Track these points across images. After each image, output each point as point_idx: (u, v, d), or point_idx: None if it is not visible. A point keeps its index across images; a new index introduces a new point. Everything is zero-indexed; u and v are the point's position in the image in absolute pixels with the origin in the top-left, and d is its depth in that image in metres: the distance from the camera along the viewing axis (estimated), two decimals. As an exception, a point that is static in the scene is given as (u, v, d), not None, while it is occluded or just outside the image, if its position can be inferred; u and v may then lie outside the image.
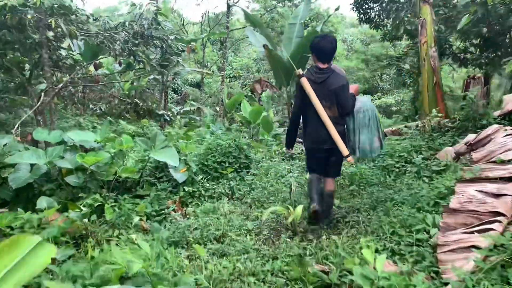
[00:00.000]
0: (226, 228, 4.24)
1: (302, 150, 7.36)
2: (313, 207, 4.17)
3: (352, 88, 4.31)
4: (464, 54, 13.46)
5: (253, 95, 17.09)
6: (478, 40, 13.17)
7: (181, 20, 23.53)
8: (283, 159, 7.31)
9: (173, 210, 5.31)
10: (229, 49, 29.92)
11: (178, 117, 20.63)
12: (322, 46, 4.12)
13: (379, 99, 29.70)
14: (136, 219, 4.53)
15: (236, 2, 20.85)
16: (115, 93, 18.72)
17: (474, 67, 14.42)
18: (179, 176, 5.65)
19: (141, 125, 12.10)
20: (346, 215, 4.51)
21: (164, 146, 5.66)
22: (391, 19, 16.91)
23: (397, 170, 5.42)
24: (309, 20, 26.21)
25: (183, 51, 9.23)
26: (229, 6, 18.43)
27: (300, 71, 4.20)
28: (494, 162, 4.28)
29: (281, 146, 8.52)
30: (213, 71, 34.60)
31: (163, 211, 5.15)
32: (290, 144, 4.57)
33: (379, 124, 4.22)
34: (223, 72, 18.29)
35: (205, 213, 4.93)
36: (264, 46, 12.90)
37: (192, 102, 24.28)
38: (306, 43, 13.13)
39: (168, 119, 10.04)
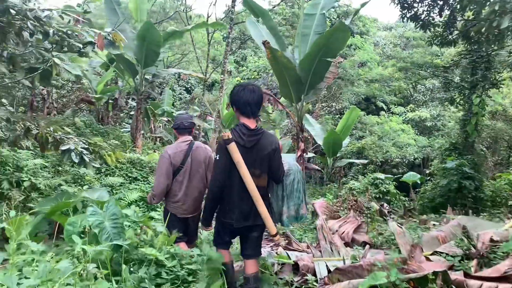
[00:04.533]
0: None
1: None
2: None
3: None
4: None
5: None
6: None
7: (183, 10, 18.82)
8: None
9: None
10: (239, 46, 25.19)
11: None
12: (242, 97, 3.29)
13: (412, 111, 24.66)
14: None
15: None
16: (84, 95, 14.29)
17: None
18: None
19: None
20: None
21: None
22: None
23: None
24: (337, 18, 21.28)
25: (89, 44, 4.62)
26: (235, -7, 13.75)
27: (228, 134, 3.19)
28: None
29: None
30: (230, 72, 30.06)
31: None
32: (209, 220, 3.57)
33: (305, 187, 3.60)
34: (222, 76, 13.61)
35: None
36: (264, 43, 8.18)
37: (196, 107, 19.74)
38: (329, 41, 8.39)
39: (77, 159, 5.39)
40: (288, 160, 3.57)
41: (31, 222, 3.79)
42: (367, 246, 4.39)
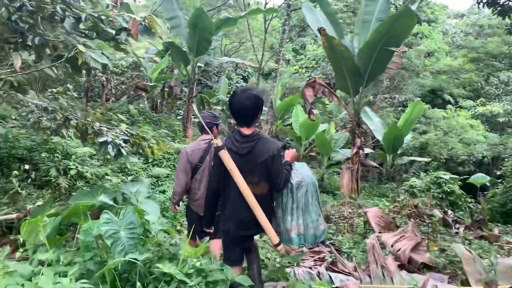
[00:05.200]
0: None
1: None
2: None
3: (288, 154, 3.30)
4: None
5: (303, 104, 11.51)
6: None
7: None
8: None
9: None
10: (298, 34, 24.28)
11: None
12: (234, 105, 3.08)
13: (482, 106, 22.68)
14: None
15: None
16: (140, 83, 14.25)
17: None
18: None
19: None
20: None
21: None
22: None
23: None
24: (402, 5, 19.78)
25: (123, 30, 4.25)
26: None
27: (218, 141, 3.08)
28: None
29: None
30: (288, 61, 29.23)
31: None
32: (211, 222, 3.49)
33: (319, 200, 3.33)
34: (277, 65, 13.02)
35: None
36: (320, 30, 7.47)
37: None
38: (392, 28, 7.56)
39: (113, 152, 5.09)
40: (301, 171, 3.32)
41: (50, 223, 3.45)
42: (427, 274, 3.67)
